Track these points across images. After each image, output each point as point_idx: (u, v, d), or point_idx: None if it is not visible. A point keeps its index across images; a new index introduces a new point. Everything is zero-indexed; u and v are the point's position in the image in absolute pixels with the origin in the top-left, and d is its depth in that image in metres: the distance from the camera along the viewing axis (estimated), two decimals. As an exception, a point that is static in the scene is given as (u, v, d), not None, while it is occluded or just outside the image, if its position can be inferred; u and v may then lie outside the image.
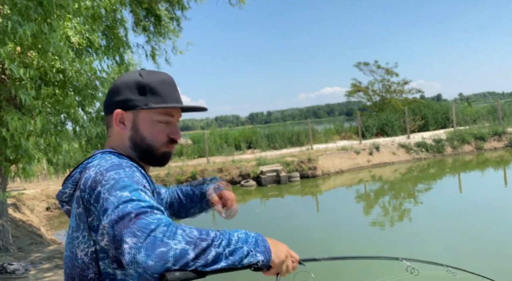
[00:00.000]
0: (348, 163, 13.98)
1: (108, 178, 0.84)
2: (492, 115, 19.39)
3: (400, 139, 16.43)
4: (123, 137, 1.02)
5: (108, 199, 0.81)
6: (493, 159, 14.30)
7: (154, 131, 1.02)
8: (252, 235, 0.88)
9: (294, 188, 12.27)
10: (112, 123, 1.03)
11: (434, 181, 11.95)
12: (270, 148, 18.37)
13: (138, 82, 1.01)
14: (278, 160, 13.60)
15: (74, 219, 0.90)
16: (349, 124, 22.27)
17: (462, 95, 34.35)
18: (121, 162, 0.91)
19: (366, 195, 11.22)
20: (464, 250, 5.63)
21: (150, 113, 1.01)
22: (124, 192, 0.81)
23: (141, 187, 0.85)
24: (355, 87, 24.28)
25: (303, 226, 8.10)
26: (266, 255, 0.85)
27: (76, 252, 0.88)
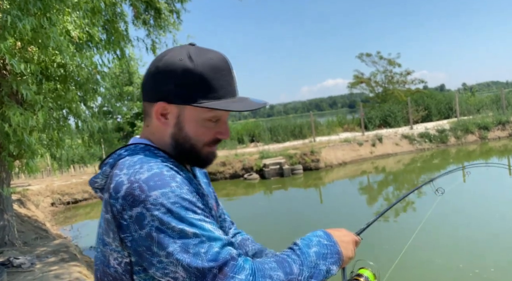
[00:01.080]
0: (351, 154, 13.96)
1: (154, 201, 0.72)
2: (496, 104, 19.25)
3: (403, 130, 16.37)
4: (164, 132, 0.88)
5: (164, 233, 0.71)
6: (496, 149, 14.23)
7: (201, 131, 0.87)
8: (325, 242, 0.85)
9: (297, 181, 12.28)
10: (153, 113, 0.88)
11: (438, 171, 11.92)
12: (273, 141, 18.36)
13: (188, 71, 0.83)
14: (281, 153, 13.60)
15: (103, 221, 0.80)
16: (352, 116, 22.21)
17: (466, 85, 34.08)
18: (162, 170, 0.77)
19: (370, 187, 11.22)
20: (467, 240, 5.63)
21: (199, 110, 0.85)
22: (184, 226, 0.71)
23: (198, 210, 0.75)
24: (358, 79, 24.15)
25: (307, 218, 8.12)
26: (339, 262, 0.85)
27: (108, 258, 0.80)
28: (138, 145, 0.88)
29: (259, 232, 7.29)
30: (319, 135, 17.60)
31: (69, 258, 4.48)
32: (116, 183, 0.77)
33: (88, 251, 6.90)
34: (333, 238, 0.86)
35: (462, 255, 5.15)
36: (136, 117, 20.42)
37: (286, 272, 0.75)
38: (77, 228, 9.38)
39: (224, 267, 0.70)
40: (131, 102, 20.27)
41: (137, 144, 0.88)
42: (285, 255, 0.80)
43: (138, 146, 0.87)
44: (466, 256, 5.12)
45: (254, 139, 19.16)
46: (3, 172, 4.79)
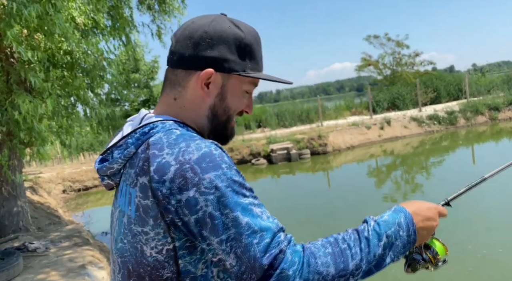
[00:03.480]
0: (359, 138, 13.89)
1: (209, 184, 0.67)
2: (507, 84, 18.91)
3: (411, 112, 16.19)
4: (202, 104, 0.82)
5: (218, 220, 0.67)
6: (507, 129, 14.04)
7: (239, 102, 0.85)
8: (402, 234, 0.77)
9: (305, 165, 12.29)
10: (191, 83, 0.81)
11: (447, 153, 11.83)
12: (280, 126, 18.32)
13: (240, 39, 0.80)
14: (288, 138, 13.59)
15: (135, 210, 0.73)
16: (360, 100, 21.99)
17: (476, 65, 33.40)
18: (210, 149, 0.71)
19: (378, 170, 11.19)
20: (475, 224, 5.62)
21: (243, 80, 0.83)
22: (238, 213, 0.68)
23: (247, 193, 0.71)
24: (365, 61, 23.78)
25: (314, 202, 8.16)
26: (410, 249, 0.80)
27: (142, 248, 0.74)
28: (165, 122, 0.79)
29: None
30: (326, 120, 17.51)
31: (82, 243, 4.59)
32: (159, 165, 0.70)
33: (100, 236, 7.05)
34: (414, 226, 0.79)
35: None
36: (143, 104, 20.49)
37: (339, 269, 0.70)
38: (88, 214, 9.57)
39: (273, 261, 0.67)
40: (138, 89, 20.30)
41: (163, 120, 0.80)
42: (346, 245, 0.73)
43: (166, 123, 0.79)
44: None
45: (261, 124, 19.13)
46: (15, 160, 4.88)
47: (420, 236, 0.80)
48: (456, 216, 5.63)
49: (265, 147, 13.10)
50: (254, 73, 0.83)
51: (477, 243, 4.86)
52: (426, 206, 0.84)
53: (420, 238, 0.80)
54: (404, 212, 0.80)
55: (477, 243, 4.86)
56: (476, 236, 5.16)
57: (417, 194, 8.12)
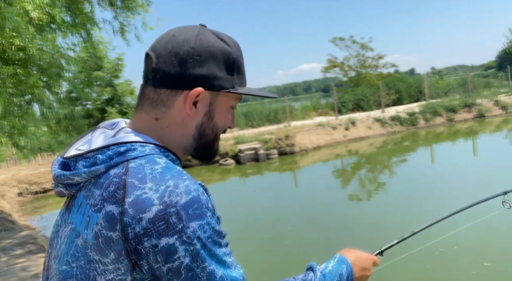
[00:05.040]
0: (325, 138, 14.15)
1: (192, 234, 0.63)
2: (462, 87, 19.98)
3: (375, 113, 16.72)
4: (188, 124, 0.76)
5: (193, 272, 0.64)
6: (463, 130, 14.83)
7: (226, 119, 0.81)
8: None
9: (272, 165, 12.36)
10: (177, 103, 0.74)
11: (408, 153, 12.30)
12: (248, 126, 18.33)
13: (228, 54, 0.76)
14: (256, 138, 13.61)
15: (93, 237, 0.66)
16: (326, 101, 22.44)
17: (434, 68, 35.10)
18: (198, 192, 0.66)
19: (343, 170, 11.45)
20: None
21: (230, 97, 0.79)
22: (214, 266, 0.65)
23: (222, 242, 0.69)
24: (331, 63, 24.30)
25: (282, 202, 8.21)
26: None
27: (95, 278, 0.67)
28: (146, 145, 0.71)
29: (234, 217, 7.31)
30: (293, 120, 17.71)
31: (37, 250, 4.34)
32: (138, 200, 0.63)
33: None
34: (353, 276, 0.87)
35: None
36: (106, 103, 19.79)
37: None
38: (46, 218, 9.09)
39: None
40: (100, 87, 19.59)
41: (144, 142, 0.71)
42: None
43: (147, 147, 0.71)
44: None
45: (229, 124, 19.04)
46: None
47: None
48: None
49: (233, 147, 13.05)
50: (242, 89, 0.79)
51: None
52: (364, 257, 0.92)
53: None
54: (346, 263, 0.87)
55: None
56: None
57: (381, 192, 8.38)
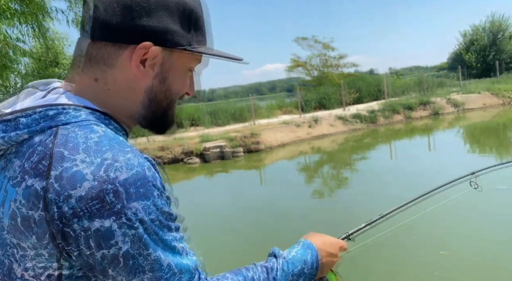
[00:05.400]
0: (290, 136, 14.36)
1: (133, 216, 0.54)
2: (418, 86, 21.03)
3: (337, 111, 17.19)
4: (135, 86, 0.65)
5: (135, 260, 0.55)
6: (419, 127, 15.60)
7: (183, 84, 0.70)
8: (307, 271, 0.77)
9: (238, 163, 12.37)
10: (121, 60, 0.63)
11: (369, 150, 12.76)
12: (213, 125, 18.22)
13: (184, 4, 0.65)
14: (221, 136, 13.56)
15: (9, 217, 0.56)
16: (290, 100, 22.78)
17: (392, 69, 36.66)
18: (143, 167, 0.56)
19: (307, 166, 11.67)
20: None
21: (186, 57, 0.68)
22: (160, 253, 0.57)
23: (172, 225, 0.61)
24: (295, 62, 24.72)
25: (248, 199, 8.24)
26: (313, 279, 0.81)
27: (12, 265, 0.58)
28: (80, 109, 0.60)
29: (199, 215, 7.24)
30: (259, 118, 17.82)
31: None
32: (67, 173, 0.53)
33: None
34: (318, 263, 0.80)
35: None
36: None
37: None
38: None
39: None
40: (57, 85, 18.61)
41: (78, 106, 0.61)
42: (254, 278, 0.70)
43: (83, 111, 0.60)
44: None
45: (194, 123, 18.84)
46: None
47: (321, 271, 0.81)
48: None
49: (198, 146, 12.91)
50: (201, 48, 0.68)
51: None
52: (330, 242, 0.85)
53: (320, 273, 0.81)
54: (311, 249, 0.80)
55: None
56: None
57: (342, 188, 8.63)
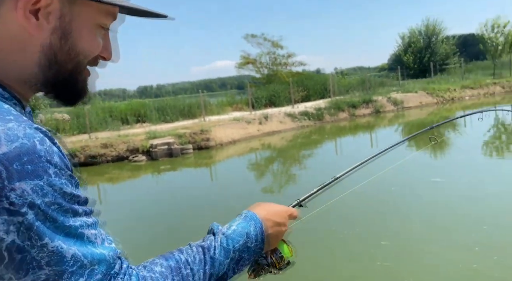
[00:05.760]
0: (240, 133, 14.34)
1: (19, 199, 0.44)
2: (361, 86, 22.07)
3: (286, 109, 17.50)
4: (26, 43, 0.53)
5: (27, 254, 0.45)
6: (362, 124, 16.37)
7: (93, 43, 0.58)
8: (250, 245, 0.69)
9: (187, 160, 12.09)
10: (5, 11, 0.52)
11: (316, 146, 13.14)
12: (161, 121, 17.66)
13: None
14: (169, 133, 13.17)
15: None
16: (241, 97, 22.79)
17: (337, 69, 38.21)
18: (33, 138, 0.46)
19: (258, 163, 11.73)
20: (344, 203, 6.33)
21: (94, 9, 0.57)
22: (60, 242, 0.46)
23: (79, 209, 0.50)
24: (245, 59, 24.73)
25: (197, 197, 8.07)
26: (260, 253, 0.72)
27: None
28: None
29: (147, 215, 6.95)
30: (209, 115, 17.60)
31: None
32: None
33: None
34: (264, 234, 0.71)
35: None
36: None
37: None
38: None
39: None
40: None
41: None
42: (189, 270, 0.61)
43: None
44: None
45: (140, 119, 18.12)
46: None
47: (268, 243, 0.73)
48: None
49: (144, 143, 12.42)
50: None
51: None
52: (276, 210, 0.76)
53: (268, 245, 0.74)
54: (254, 220, 0.71)
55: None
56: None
57: (291, 184, 8.78)
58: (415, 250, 4.23)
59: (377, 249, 4.25)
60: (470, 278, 3.50)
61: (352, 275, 3.87)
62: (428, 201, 5.80)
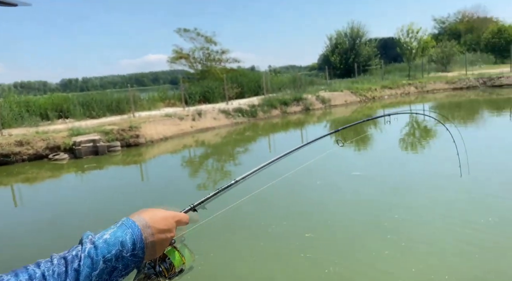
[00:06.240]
0: (173, 129, 14.00)
1: None
2: (293, 84, 22.86)
3: (220, 105, 17.47)
4: None
5: None
6: (293, 121, 16.99)
7: None
8: (126, 254, 0.64)
9: (115, 158, 11.49)
10: None
11: (250, 142, 13.33)
12: (86, 117, 16.51)
13: None
14: (95, 130, 12.37)
15: None
16: (174, 92, 22.23)
17: (271, 66, 39.11)
18: None
19: (191, 160, 11.56)
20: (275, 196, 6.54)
21: None
22: None
23: None
24: (177, 54, 24.15)
25: (127, 197, 7.72)
26: (140, 263, 0.67)
27: None
28: None
29: (64, 217, 6.48)
30: (140, 111, 16.89)
31: None
32: None
33: None
34: (143, 243, 0.67)
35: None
36: None
37: None
38: None
39: None
40: None
41: None
42: (45, 275, 0.57)
43: None
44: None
45: (62, 114, 16.75)
46: None
47: (150, 252, 0.69)
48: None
49: (67, 140, 11.53)
50: None
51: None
52: (161, 216, 0.72)
53: (150, 254, 0.70)
54: (132, 228, 0.68)
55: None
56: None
57: (226, 181, 8.81)
58: (338, 239, 4.54)
59: (302, 242, 4.46)
60: (383, 262, 3.86)
61: (278, 269, 4.02)
62: (349, 192, 6.25)
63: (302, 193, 6.38)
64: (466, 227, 4.44)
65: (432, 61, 29.78)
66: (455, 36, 38.46)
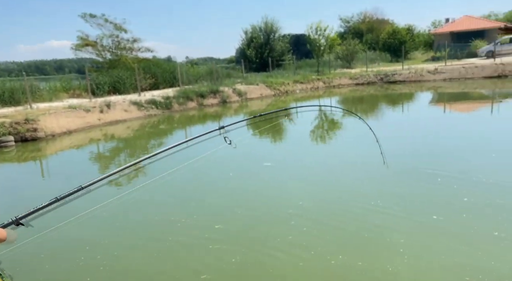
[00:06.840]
0: (77, 122, 12.92)
1: None
2: (210, 76, 22.72)
3: (132, 96, 16.61)
4: None
5: None
6: (210, 113, 16.94)
7: None
8: None
9: (8, 155, 10.21)
10: None
11: (165, 136, 12.94)
12: (-30, 108, 14.31)
13: None
14: (-18, 123, 10.82)
15: None
16: (80, 82, 20.42)
17: (189, 57, 38.34)
18: None
19: (100, 155, 10.81)
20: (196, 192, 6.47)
21: None
22: None
23: None
24: (83, 41, 22.19)
25: (23, 197, 6.94)
26: None
27: None
28: None
29: None
30: (38, 101, 15.19)
31: None
32: None
33: None
34: None
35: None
36: None
37: None
38: None
39: None
40: None
41: None
42: None
43: None
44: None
45: None
46: None
47: None
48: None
49: None
50: None
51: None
52: None
53: None
54: None
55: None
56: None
57: (140, 176, 8.43)
58: (247, 229, 4.70)
59: (212, 234, 4.52)
60: (287, 247, 4.11)
61: (189, 263, 4.03)
62: (261, 181, 6.50)
63: (215, 184, 6.44)
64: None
65: (338, 58, 32.12)
66: (358, 35, 42.00)
